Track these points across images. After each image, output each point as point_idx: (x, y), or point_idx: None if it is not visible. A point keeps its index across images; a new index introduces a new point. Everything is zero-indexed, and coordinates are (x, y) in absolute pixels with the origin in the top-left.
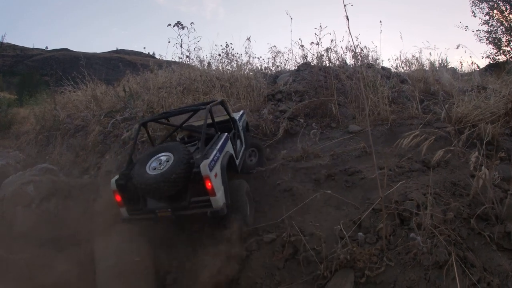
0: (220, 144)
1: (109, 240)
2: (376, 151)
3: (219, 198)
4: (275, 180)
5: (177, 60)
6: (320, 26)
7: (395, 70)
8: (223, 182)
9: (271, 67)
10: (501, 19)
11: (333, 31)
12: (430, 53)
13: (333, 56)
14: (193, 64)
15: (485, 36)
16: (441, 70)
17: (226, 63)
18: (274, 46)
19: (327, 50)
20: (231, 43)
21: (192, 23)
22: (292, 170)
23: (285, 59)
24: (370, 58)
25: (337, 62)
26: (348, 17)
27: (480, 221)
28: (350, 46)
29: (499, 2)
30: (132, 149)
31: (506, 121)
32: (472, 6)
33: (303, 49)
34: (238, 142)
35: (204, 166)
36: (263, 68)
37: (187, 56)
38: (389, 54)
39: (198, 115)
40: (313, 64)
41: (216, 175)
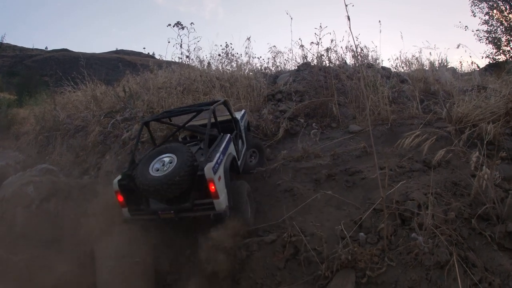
0: (223, 146)
1: (109, 241)
2: (377, 151)
3: (222, 201)
4: (275, 180)
5: (177, 60)
6: (320, 26)
7: (395, 70)
8: (226, 185)
9: (271, 67)
10: (501, 19)
11: (333, 31)
12: (430, 53)
13: (333, 56)
14: (193, 64)
15: (484, 36)
16: (441, 70)
17: (226, 63)
18: (274, 46)
19: (327, 50)
20: (231, 43)
21: (191, 23)
22: (293, 170)
23: (285, 59)
24: (370, 58)
25: (337, 62)
26: (349, 17)
27: (481, 221)
28: (350, 46)
29: (499, 1)
30: (134, 149)
31: (507, 120)
32: (471, 6)
33: (303, 49)
34: (240, 142)
35: (208, 169)
36: (263, 68)
37: (187, 56)
38: (389, 54)
39: (201, 115)
40: (313, 64)
41: (219, 178)
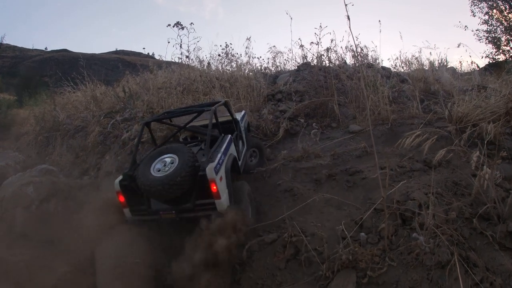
0: (224, 146)
1: (109, 241)
2: (377, 151)
3: (223, 201)
4: (275, 180)
5: (176, 60)
6: (320, 26)
7: (395, 70)
8: (228, 185)
9: (271, 67)
10: (501, 19)
11: (333, 31)
12: (430, 53)
13: (333, 56)
14: (193, 65)
15: (484, 36)
16: (441, 69)
17: (226, 63)
18: (274, 46)
19: (327, 50)
20: (230, 43)
21: (191, 23)
22: (293, 170)
23: (285, 59)
24: (370, 58)
25: (337, 62)
26: (349, 17)
27: (482, 221)
28: (350, 46)
29: (499, 1)
30: (135, 150)
31: (507, 120)
32: (471, 5)
33: (303, 49)
34: (240, 143)
35: (210, 169)
36: (263, 68)
37: (187, 57)
38: (389, 54)
39: (202, 115)
40: (313, 64)
41: (221, 179)
